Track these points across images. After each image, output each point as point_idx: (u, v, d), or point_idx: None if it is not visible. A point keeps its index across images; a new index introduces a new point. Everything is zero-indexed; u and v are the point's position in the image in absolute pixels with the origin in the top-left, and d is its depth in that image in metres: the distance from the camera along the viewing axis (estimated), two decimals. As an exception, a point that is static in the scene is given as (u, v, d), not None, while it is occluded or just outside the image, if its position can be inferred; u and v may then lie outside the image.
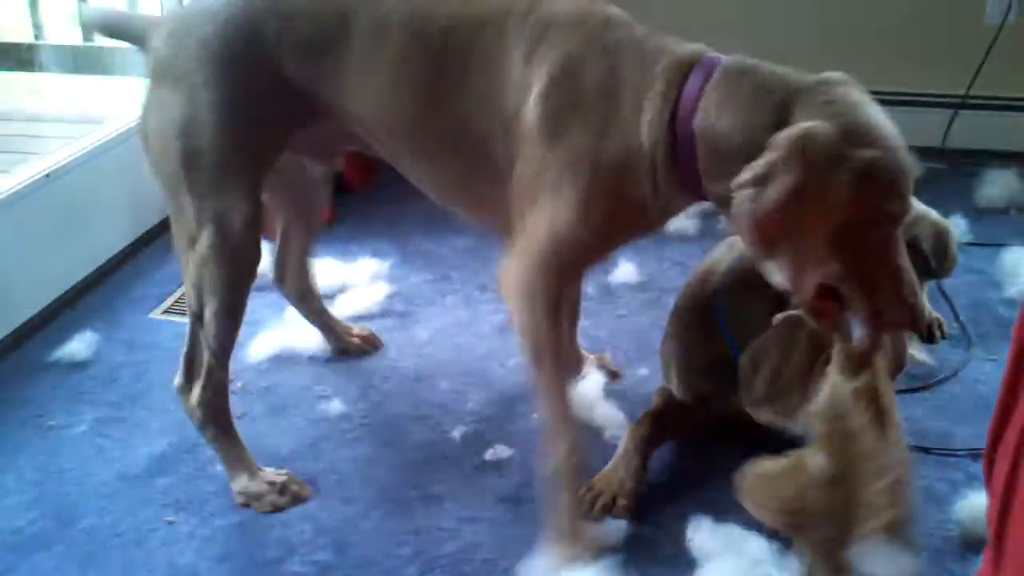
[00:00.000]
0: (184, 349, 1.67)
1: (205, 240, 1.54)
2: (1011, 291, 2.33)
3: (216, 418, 1.66)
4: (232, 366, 2.01)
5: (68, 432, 1.86)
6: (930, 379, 2.00)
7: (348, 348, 2.09)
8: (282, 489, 1.65)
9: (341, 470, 1.76)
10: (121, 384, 2.00)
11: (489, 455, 1.78)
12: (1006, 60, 3.09)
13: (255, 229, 1.57)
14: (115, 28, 1.71)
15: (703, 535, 1.51)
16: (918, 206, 2.15)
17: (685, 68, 1.37)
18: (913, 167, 1.36)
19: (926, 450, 1.78)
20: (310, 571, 1.53)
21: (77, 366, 2.06)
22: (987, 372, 2.02)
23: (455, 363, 2.09)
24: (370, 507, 1.66)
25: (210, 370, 1.63)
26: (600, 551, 1.48)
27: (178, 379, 1.68)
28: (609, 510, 1.60)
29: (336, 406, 1.93)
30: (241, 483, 1.65)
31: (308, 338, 2.12)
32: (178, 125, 1.52)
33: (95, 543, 1.58)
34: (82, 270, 2.35)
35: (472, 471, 1.75)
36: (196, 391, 1.65)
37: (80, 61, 3.13)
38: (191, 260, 1.56)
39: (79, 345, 2.09)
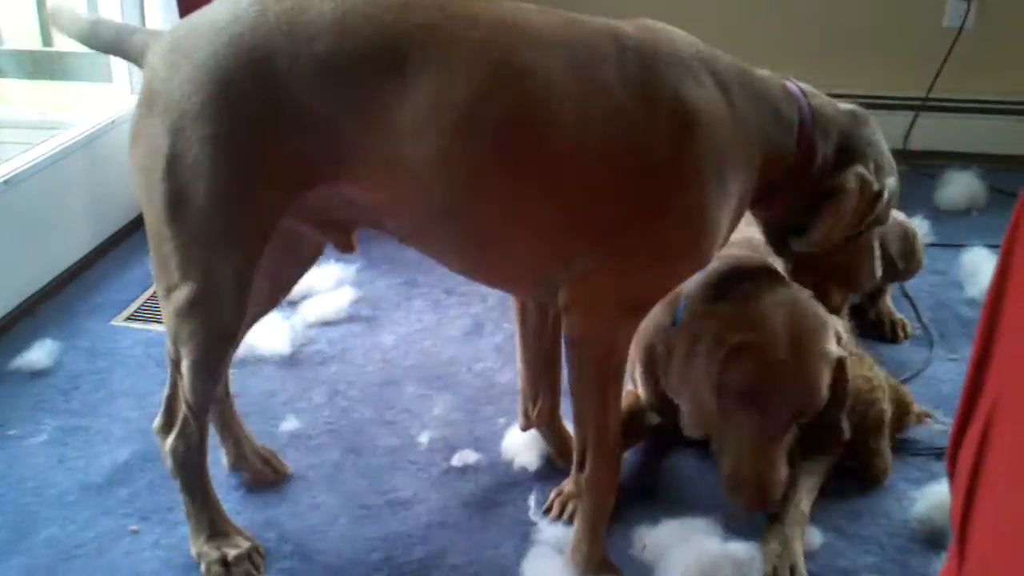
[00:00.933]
0: (166, 391, 1.55)
1: (184, 293, 1.35)
2: (972, 291, 2.35)
3: (186, 471, 1.50)
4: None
5: (28, 441, 1.83)
6: (895, 378, 2.01)
7: (248, 468, 1.72)
8: (235, 561, 1.50)
9: (307, 477, 1.74)
10: (82, 392, 1.97)
11: (456, 460, 1.78)
12: (965, 63, 3.13)
13: (243, 291, 1.37)
14: (106, 41, 1.44)
15: (666, 530, 1.54)
16: None
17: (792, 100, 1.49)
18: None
19: (890, 448, 1.79)
20: (276, 579, 1.51)
21: (37, 374, 2.03)
22: (949, 371, 2.05)
23: (421, 368, 2.08)
24: (337, 513, 1.65)
25: (185, 421, 1.48)
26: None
27: (158, 420, 1.56)
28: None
29: (301, 412, 1.92)
30: (197, 544, 1.52)
31: (272, 342, 2.10)
32: (165, 161, 1.29)
33: (57, 553, 1.55)
34: (42, 277, 2.32)
35: (440, 476, 1.75)
36: (171, 439, 1.50)
37: (39, 66, 3.09)
38: (168, 309, 1.38)
39: (39, 353, 2.06)
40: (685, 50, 1.36)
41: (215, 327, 1.38)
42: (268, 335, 2.11)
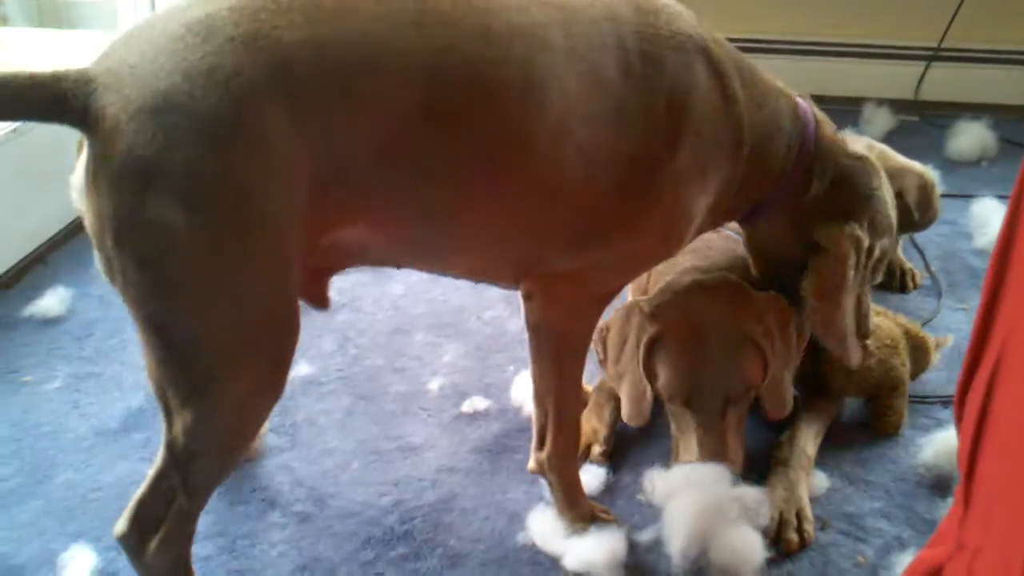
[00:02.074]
0: (141, 493, 1.21)
1: (222, 388, 1.11)
2: (981, 241, 2.35)
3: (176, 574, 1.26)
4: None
5: (43, 388, 1.85)
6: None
7: None
8: None
9: (319, 423, 1.76)
10: (96, 339, 1.99)
11: (466, 406, 1.79)
12: (977, 12, 3.10)
13: (290, 363, 1.18)
14: (20, 105, 1.03)
15: (675, 475, 1.55)
16: (902, 159, 2.17)
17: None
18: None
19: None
20: (290, 522, 1.53)
21: (51, 322, 2.04)
22: (958, 320, 2.05)
23: (431, 316, 2.09)
24: (349, 458, 1.67)
25: (182, 519, 1.21)
26: (603, 518, 1.50)
27: (122, 526, 1.22)
28: (585, 457, 1.62)
29: (312, 360, 1.93)
30: None
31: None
32: (187, 251, 1.02)
33: (74, 497, 1.58)
34: (53, 225, 2.33)
35: (450, 422, 1.76)
36: (154, 545, 1.21)
37: (45, 14, 3.08)
38: (191, 409, 1.11)
39: (52, 300, 2.08)
40: (685, 34, 1.30)
41: (260, 411, 1.19)
42: (278, 283, 2.12)
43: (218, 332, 1.08)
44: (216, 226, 1.02)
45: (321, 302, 1.35)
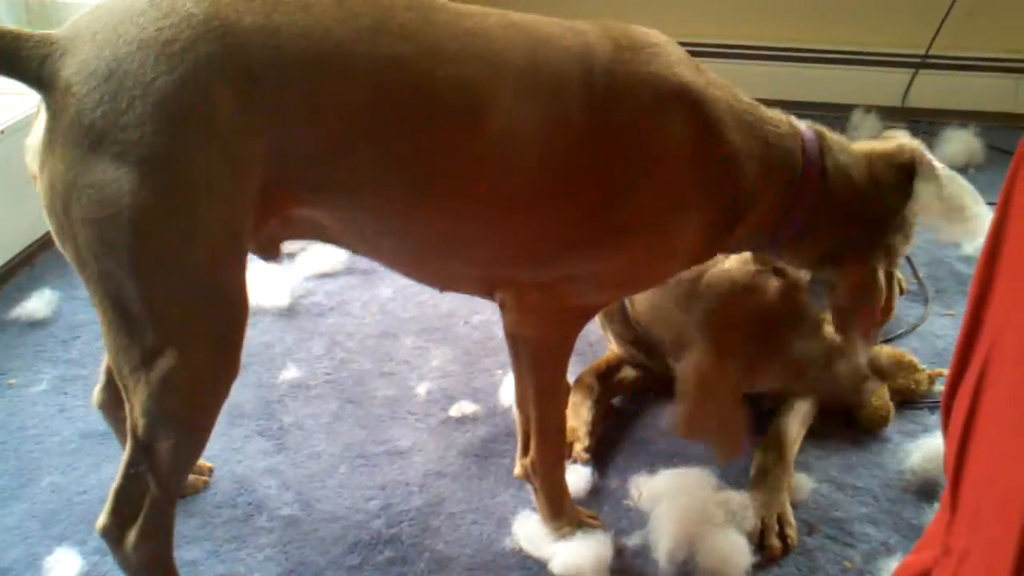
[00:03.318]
0: (115, 483, 1.22)
1: (171, 359, 1.11)
2: (968, 248, 2.36)
3: (155, 569, 1.26)
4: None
5: (29, 390, 1.84)
6: (889, 333, 2.03)
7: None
8: None
9: (306, 426, 1.76)
10: (82, 342, 1.98)
11: (454, 411, 1.79)
12: (965, 20, 3.11)
13: (240, 339, 1.18)
14: None
15: (661, 480, 1.56)
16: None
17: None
18: None
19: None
20: (277, 526, 1.53)
21: (37, 324, 2.03)
22: (945, 326, 2.06)
23: (419, 320, 2.09)
24: (336, 462, 1.67)
25: (156, 509, 1.21)
26: (590, 523, 1.50)
27: (103, 519, 1.23)
28: (568, 457, 1.62)
29: (300, 363, 1.93)
30: None
31: (270, 293, 2.11)
32: (130, 211, 1.04)
33: (59, 501, 1.57)
34: (40, 228, 2.31)
35: (437, 426, 1.76)
36: (133, 536, 1.22)
37: (33, 14, 3.07)
38: (142, 384, 1.12)
39: (38, 303, 2.07)
40: (661, 75, 1.27)
41: (214, 390, 1.19)
42: (266, 287, 2.12)
43: (161, 300, 1.10)
44: (158, 193, 1.05)
45: (273, 257, 1.35)
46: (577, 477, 1.58)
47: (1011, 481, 0.93)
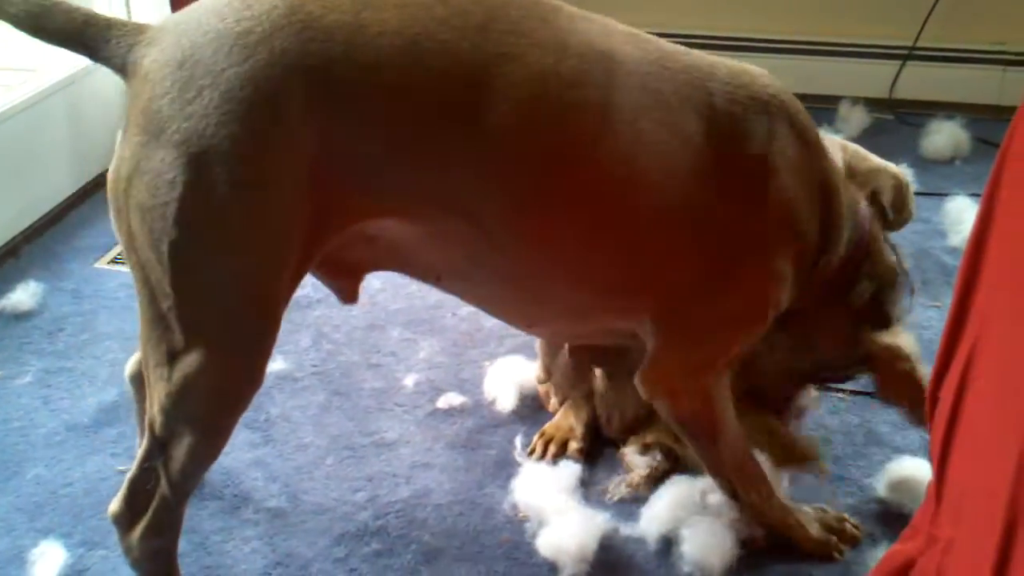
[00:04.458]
0: (131, 472, 1.21)
1: (197, 358, 1.09)
2: (955, 240, 2.37)
3: (159, 562, 1.26)
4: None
5: (13, 383, 1.83)
6: (875, 325, 2.03)
7: None
8: None
9: (293, 418, 1.75)
10: (67, 334, 1.97)
11: (441, 402, 1.79)
12: (953, 11, 3.12)
13: (268, 352, 1.15)
14: (68, 33, 1.08)
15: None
16: (877, 160, 2.18)
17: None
18: None
19: (870, 394, 1.81)
20: (263, 518, 1.53)
21: (21, 316, 2.02)
22: (931, 318, 2.07)
23: (407, 312, 2.09)
24: (323, 454, 1.66)
25: (164, 507, 1.20)
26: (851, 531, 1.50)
27: (116, 505, 1.23)
28: (562, 453, 1.63)
29: (287, 355, 1.92)
30: None
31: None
32: (179, 202, 1.02)
33: (44, 493, 1.56)
34: (24, 219, 2.31)
35: (425, 418, 1.76)
36: (140, 528, 1.21)
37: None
38: (164, 381, 1.11)
39: (23, 295, 2.05)
40: (776, 99, 1.28)
41: (235, 399, 1.16)
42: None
43: (193, 300, 1.07)
44: (212, 187, 1.02)
45: (350, 296, 1.35)
46: (567, 472, 1.57)
47: (995, 471, 0.93)
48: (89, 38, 1.08)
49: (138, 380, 1.40)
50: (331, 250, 1.16)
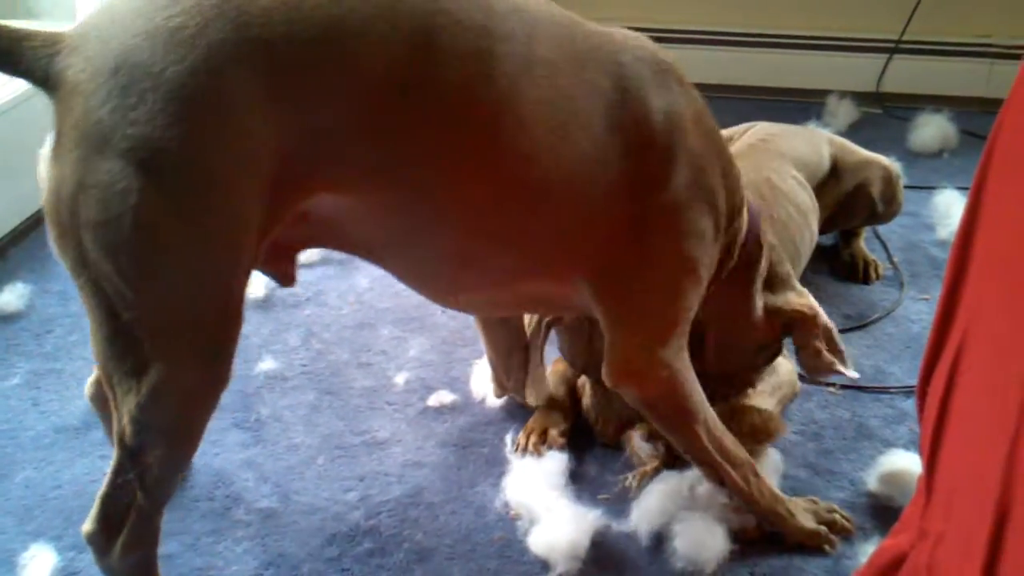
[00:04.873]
0: (102, 490, 1.17)
1: (165, 365, 1.06)
2: (943, 233, 2.38)
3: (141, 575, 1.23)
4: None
5: (1, 385, 1.82)
6: (864, 318, 2.04)
7: None
8: None
9: (284, 418, 1.75)
10: (55, 336, 1.96)
11: (432, 400, 1.79)
12: (939, 5, 3.13)
13: (234, 350, 1.13)
14: None
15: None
16: (864, 152, 2.19)
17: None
18: None
19: (860, 388, 1.82)
20: (254, 519, 1.52)
21: (9, 318, 2.01)
22: (920, 311, 2.07)
23: (396, 310, 2.08)
24: (314, 454, 1.66)
25: (141, 519, 1.17)
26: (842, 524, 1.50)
27: (89, 524, 1.18)
28: (543, 441, 1.64)
29: (277, 354, 1.92)
30: None
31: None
32: (134, 211, 0.98)
33: (33, 496, 1.56)
34: (11, 221, 2.30)
35: (416, 416, 1.76)
36: (119, 545, 1.18)
37: (3, 6, 3.03)
38: (132, 393, 1.07)
39: (10, 296, 2.04)
40: (671, 69, 1.32)
41: (205, 402, 1.14)
42: (242, 278, 2.11)
43: (158, 308, 1.04)
44: (167, 193, 0.99)
45: (286, 279, 1.31)
46: (553, 463, 1.57)
47: (985, 465, 0.93)
48: (3, 51, 1.01)
49: (99, 399, 1.39)
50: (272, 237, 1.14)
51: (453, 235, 1.23)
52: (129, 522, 1.17)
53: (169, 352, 1.07)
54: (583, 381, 1.69)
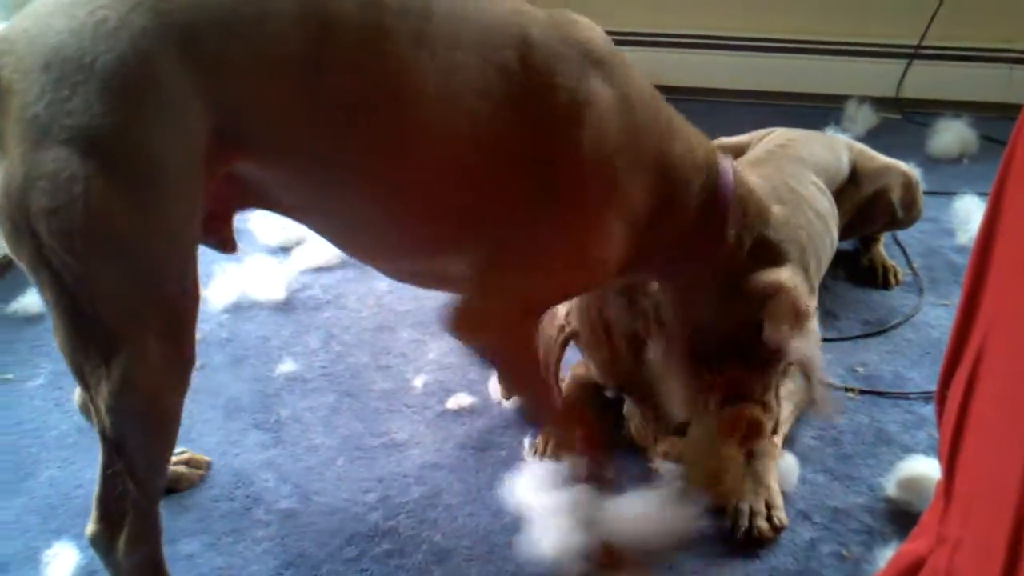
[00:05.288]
0: (97, 489, 1.22)
1: (132, 347, 1.09)
2: (963, 239, 2.37)
3: (147, 573, 1.25)
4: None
5: (26, 385, 1.84)
6: (884, 324, 2.04)
7: (174, 481, 1.59)
8: None
9: (304, 419, 1.76)
10: (79, 337, 1.98)
11: (451, 403, 1.80)
12: (958, 10, 3.12)
13: (194, 327, 1.16)
14: None
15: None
16: (884, 158, 2.18)
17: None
18: None
19: (880, 393, 1.82)
20: (274, 519, 1.53)
21: (33, 319, 2.04)
22: (939, 316, 2.07)
23: (415, 313, 2.10)
24: (334, 455, 1.67)
25: (141, 512, 1.21)
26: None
27: (91, 526, 1.23)
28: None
29: (297, 357, 1.93)
30: None
31: (266, 287, 2.11)
32: (85, 196, 1.02)
33: (57, 495, 1.57)
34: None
35: (435, 419, 1.77)
36: (122, 542, 1.21)
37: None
38: (104, 382, 1.11)
39: (34, 298, 2.07)
40: (590, 47, 1.27)
41: (175, 383, 1.16)
42: (262, 281, 2.12)
43: (116, 291, 1.08)
44: (111, 177, 1.03)
45: (226, 244, 1.33)
46: (553, 467, 1.57)
47: (1004, 470, 0.93)
48: None
49: (89, 408, 1.40)
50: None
51: (360, 204, 1.25)
52: (128, 518, 1.21)
53: (133, 335, 1.10)
54: (630, 409, 1.66)
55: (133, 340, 1.10)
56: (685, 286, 1.47)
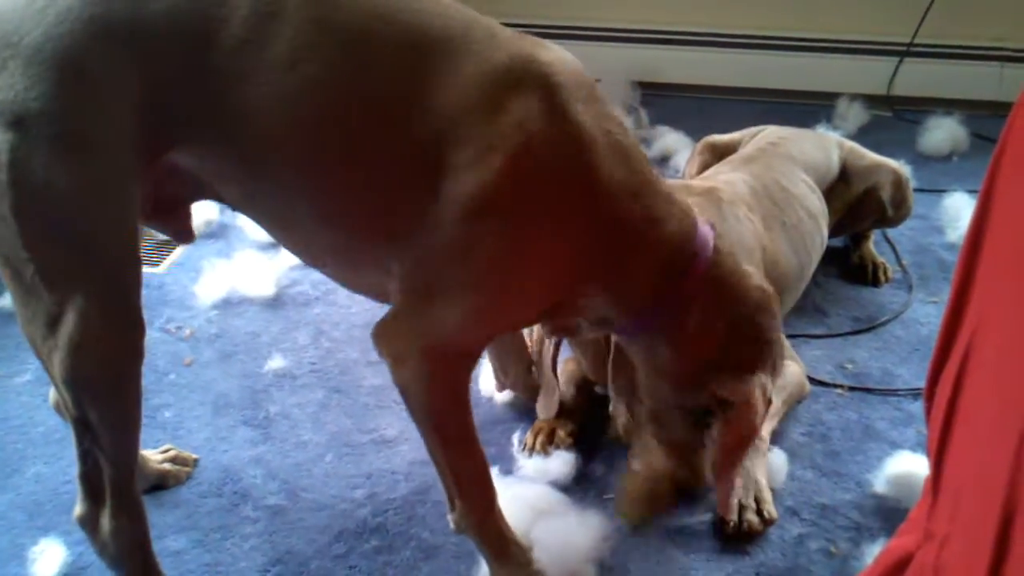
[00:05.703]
0: (77, 469, 1.24)
1: (73, 313, 1.12)
2: (953, 236, 2.37)
3: (134, 552, 1.28)
4: (179, 313, 2.00)
5: (13, 381, 1.83)
6: (873, 321, 2.04)
7: (160, 478, 1.59)
8: None
9: (293, 416, 1.76)
10: (66, 332, 1.97)
11: (440, 399, 1.79)
12: (950, 8, 3.12)
13: (137, 293, 1.19)
14: None
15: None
16: (874, 156, 2.19)
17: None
18: None
19: (868, 390, 1.82)
20: (263, 516, 1.53)
21: (20, 315, 2.02)
22: (928, 313, 2.07)
23: (406, 309, 2.09)
24: (322, 451, 1.67)
25: (117, 488, 1.24)
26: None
27: (78, 508, 1.27)
28: (551, 442, 1.64)
29: (286, 353, 1.92)
30: None
31: (255, 283, 2.10)
32: (9, 169, 1.08)
33: (44, 491, 1.57)
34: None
35: (424, 415, 1.76)
36: (106, 520, 1.25)
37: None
38: (55, 351, 1.15)
39: (22, 293, 2.06)
40: (539, 75, 1.18)
41: (122, 346, 1.18)
42: (252, 277, 2.11)
43: (48, 257, 1.12)
44: (33, 147, 1.08)
45: (182, 235, 1.36)
46: (560, 463, 1.58)
47: (992, 467, 0.93)
48: None
49: (60, 406, 1.42)
50: (150, 189, 1.20)
51: (284, 202, 1.24)
52: (107, 494, 1.24)
53: (72, 299, 1.13)
54: (615, 408, 1.60)
55: (74, 303, 1.13)
56: (643, 349, 1.38)
